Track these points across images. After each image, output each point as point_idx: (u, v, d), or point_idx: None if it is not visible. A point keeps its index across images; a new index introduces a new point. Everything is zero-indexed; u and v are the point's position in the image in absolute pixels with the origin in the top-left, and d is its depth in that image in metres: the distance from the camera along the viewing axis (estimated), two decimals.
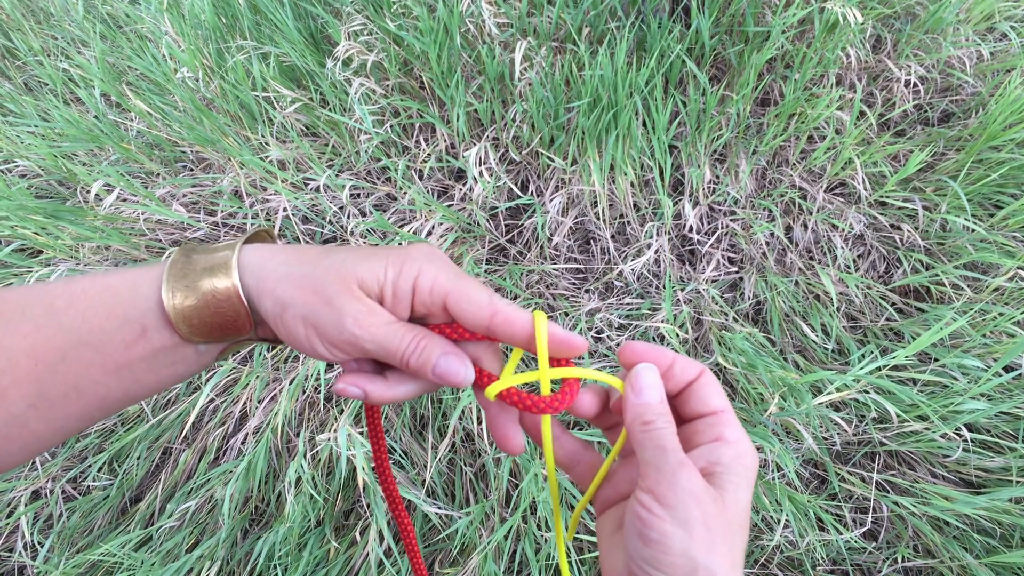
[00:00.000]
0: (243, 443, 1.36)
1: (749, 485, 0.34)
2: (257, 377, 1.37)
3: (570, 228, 1.52)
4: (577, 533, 1.23)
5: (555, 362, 0.38)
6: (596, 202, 1.48)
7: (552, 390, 0.39)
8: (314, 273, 0.36)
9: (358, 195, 1.58)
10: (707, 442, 0.36)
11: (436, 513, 1.22)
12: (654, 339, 1.40)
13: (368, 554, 1.17)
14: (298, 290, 0.36)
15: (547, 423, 0.40)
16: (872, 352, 1.29)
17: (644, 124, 1.47)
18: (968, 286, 1.41)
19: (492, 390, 0.38)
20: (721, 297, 1.45)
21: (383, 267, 0.37)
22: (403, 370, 0.38)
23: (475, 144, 1.49)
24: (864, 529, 1.23)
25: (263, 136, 1.59)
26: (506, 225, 1.57)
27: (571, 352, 0.38)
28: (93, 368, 0.36)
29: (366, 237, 1.48)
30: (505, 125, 1.53)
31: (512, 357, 0.39)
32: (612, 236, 1.51)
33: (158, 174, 1.68)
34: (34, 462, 1.42)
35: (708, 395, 0.37)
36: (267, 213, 1.54)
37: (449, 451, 1.29)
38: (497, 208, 1.53)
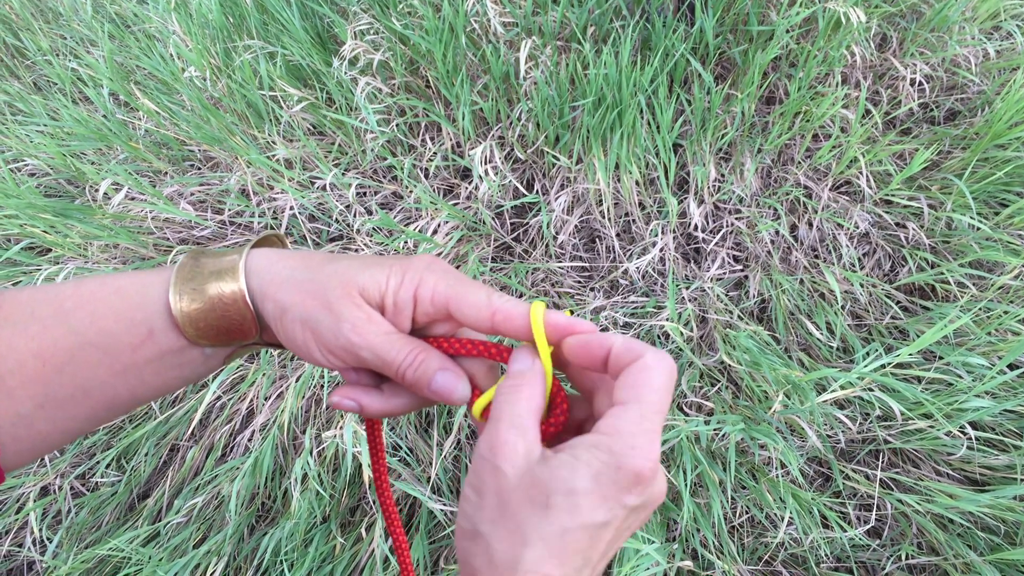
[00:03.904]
0: (250, 440, 1.37)
1: (591, 469, 0.31)
2: (264, 375, 1.38)
3: (575, 226, 1.53)
4: None
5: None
6: (601, 200, 1.48)
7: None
8: (316, 278, 0.37)
9: (364, 194, 1.58)
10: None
11: (441, 510, 1.23)
12: (658, 337, 1.40)
13: (374, 550, 1.18)
14: (299, 294, 0.36)
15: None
16: (877, 350, 1.29)
17: (649, 123, 1.47)
18: (973, 284, 1.41)
19: (477, 407, 0.37)
20: (726, 295, 1.46)
21: (385, 276, 0.37)
22: (399, 383, 0.38)
23: (480, 143, 1.50)
24: (868, 527, 1.23)
25: (270, 135, 1.60)
26: (511, 223, 1.57)
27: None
28: (100, 369, 0.36)
29: (372, 235, 1.49)
30: (510, 124, 1.54)
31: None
32: (617, 234, 1.52)
33: (166, 173, 1.69)
34: (43, 459, 1.43)
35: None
36: (274, 211, 1.55)
37: (454, 448, 1.30)
38: (503, 206, 1.53)
